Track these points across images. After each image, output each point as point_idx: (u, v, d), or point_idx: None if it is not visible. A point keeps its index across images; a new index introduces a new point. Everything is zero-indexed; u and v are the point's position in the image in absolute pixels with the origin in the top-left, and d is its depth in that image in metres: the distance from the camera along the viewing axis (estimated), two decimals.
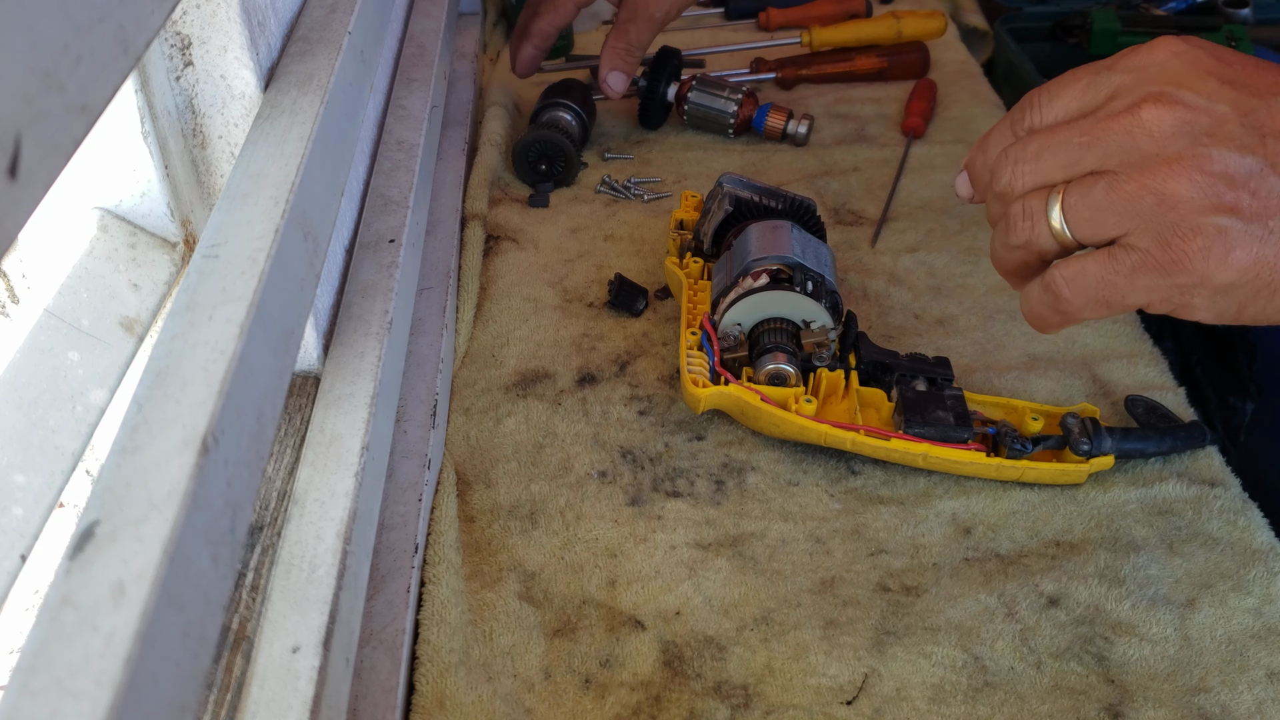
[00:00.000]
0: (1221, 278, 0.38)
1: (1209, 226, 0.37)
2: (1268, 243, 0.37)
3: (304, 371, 0.52)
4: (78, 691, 0.24)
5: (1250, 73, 0.38)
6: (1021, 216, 0.42)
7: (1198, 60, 0.39)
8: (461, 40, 1.05)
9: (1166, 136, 0.38)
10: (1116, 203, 0.39)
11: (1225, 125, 0.37)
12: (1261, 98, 0.37)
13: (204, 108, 0.46)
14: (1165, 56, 0.39)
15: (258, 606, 0.41)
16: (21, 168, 0.23)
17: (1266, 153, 0.37)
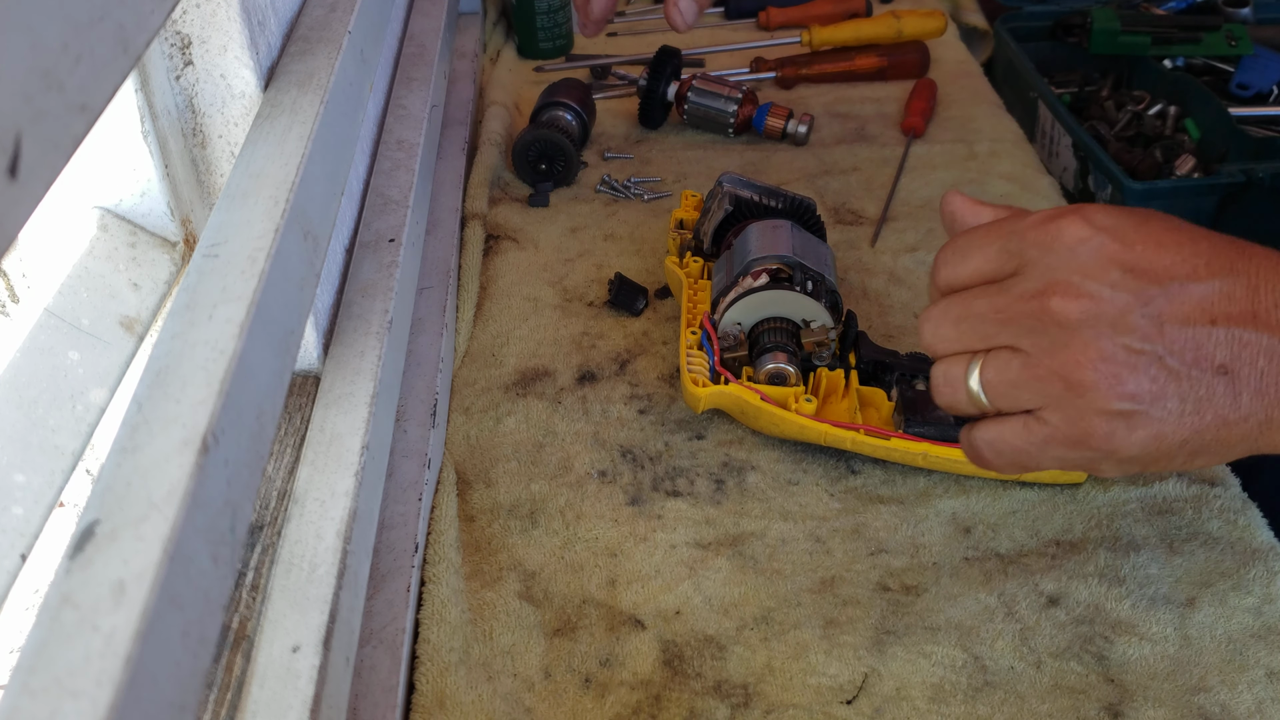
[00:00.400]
0: (1125, 453, 0.42)
1: (1113, 411, 0.41)
2: (1165, 422, 0.41)
3: (304, 371, 0.52)
4: (78, 691, 0.24)
5: (1151, 255, 0.41)
6: (944, 383, 0.46)
7: (1101, 248, 0.41)
8: (461, 39, 1.05)
9: (1073, 326, 0.41)
10: (1029, 382, 0.42)
11: (1127, 315, 0.40)
12: (1160, 284, 0.41)
13: (204, 107, 0.46)
14: (1072, 242, 0.42)
15: (258, 606, 0.41)
16: (21, 167, 0.23)
17: (1163, 340, 0.40)
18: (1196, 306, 0.41)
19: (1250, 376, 0.41)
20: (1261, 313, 0.40)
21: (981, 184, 0.87)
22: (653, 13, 1.20)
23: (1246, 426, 0.41)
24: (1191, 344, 0.40)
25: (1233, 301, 0.41)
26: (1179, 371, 0.41)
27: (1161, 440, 0.42)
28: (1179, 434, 0.41)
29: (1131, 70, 1.14)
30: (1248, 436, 0.42)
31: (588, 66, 1.07)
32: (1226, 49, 1.11)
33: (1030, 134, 1.02)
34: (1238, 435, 0.42)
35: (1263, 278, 0.41)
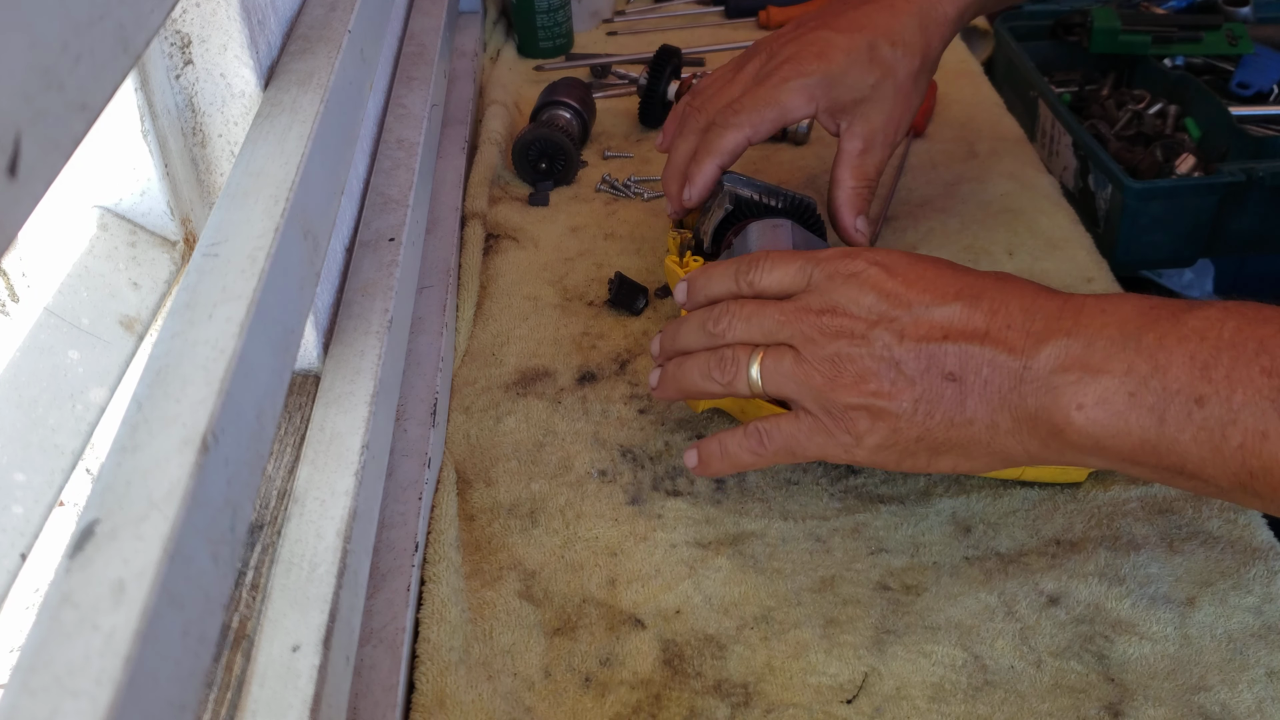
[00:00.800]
0: (869, 440, 0.50)
1: (859, 406, 0.50)
2: (900, 418, 0.49)
3: (304, 370, 0.52)
4: (78, 690, 0.24)
5: (907, 285, 0.50)
6: (730, 361, 0.53)
7: (869, 278, 0.51)
8: (461, 38, 1.05)
9: (832, 336, 0.50)
10: (796, 376, 0.51)
11: (873, 330, 0.50)
12: (908, 308, 0.49)
13: (204, 106, 0.46)
14: (849, 272, 0.52)
15: (258, 605, 0.41)
16: (21, 166, 0.23)
17: (901, 350, 0.49)
18: (934, 326, 0.49)
19: (975, 384, 0.48)
20: (994, 331, 0.48)
21: (982, 183, 0.87)
22: (653, 12, 1.20)
23: (974, 429, 0.48)
24: (925, 355, 0.48)
25: (969, 322, 0.48)
26: (913, 377, 0.48)
27: (898, 433, 0.49)
28: (912, 429, 0.49)
29: (1132, 69, 1.14)
30: (979, 439, 0.48)
31: (588, 65, 1.07)
32: (1227, 48, 1.11)
33: (1030, 133, 1.02)
34: (968, 436, 0.48)
35: (1006, 304, 0.48)
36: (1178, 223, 0.93)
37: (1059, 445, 0.46)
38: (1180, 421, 0.42)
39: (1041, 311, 0.47)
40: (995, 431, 0.48)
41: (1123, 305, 0.46)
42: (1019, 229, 0.81)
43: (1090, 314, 0.46)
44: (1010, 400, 0.47)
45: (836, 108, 0.68)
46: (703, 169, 0.67)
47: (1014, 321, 0.47)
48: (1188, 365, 0.42)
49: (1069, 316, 0.46)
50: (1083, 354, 0.45)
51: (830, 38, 0.68)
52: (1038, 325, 0.47)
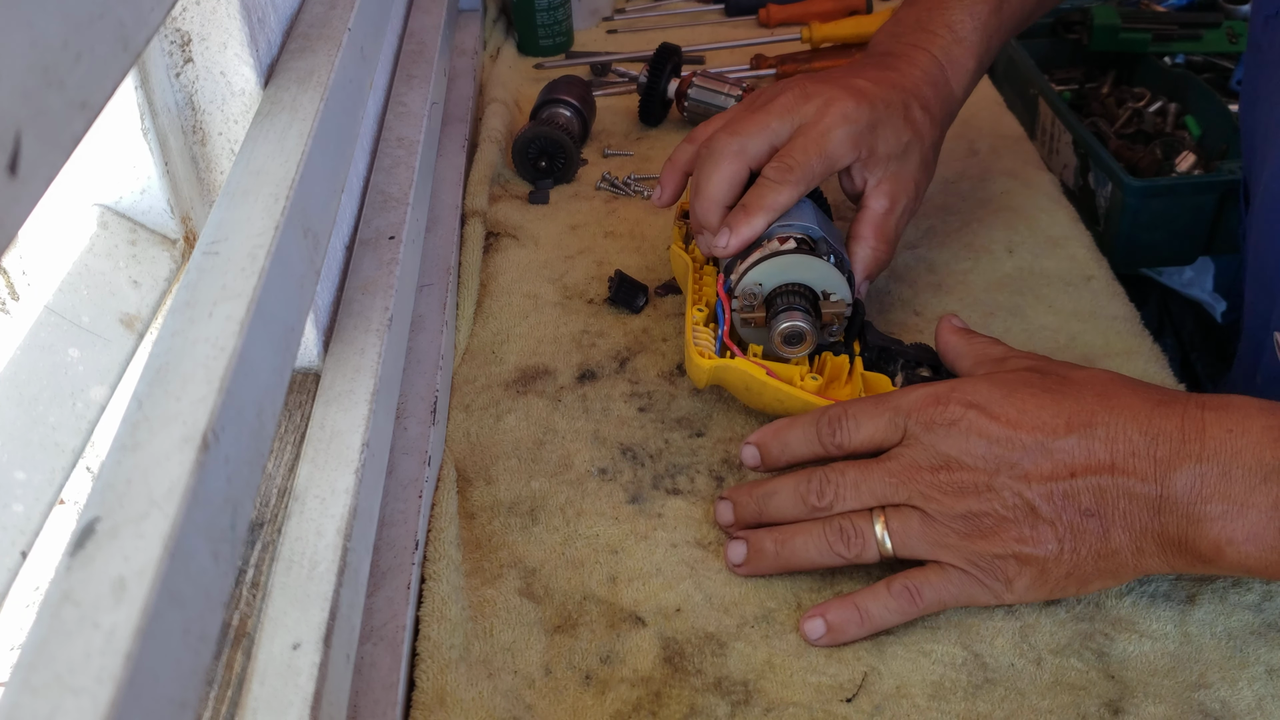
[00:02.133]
0: (1019, 585, 0.50)
1: (1004, 555, 0.49)
2: (1048, 559, 0.49)
3: (304, 368, 0.52)
4: (78, 688, 0.24)
5: (1014, 423, 0.49)
6: (853, 534, 0.52)
7: (972, 425, 0.50)
8: (461, 37, 1.05)
9: (956, 494, 0.50)
10: (930, 537, 0.51)
11: (996, 479, 0.49)
12: (1023, 449, 0.49)
13: (204, 104, 0.46)
14: (948, 421, 0.50)
15: (258, 603, 0.41)
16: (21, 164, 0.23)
17: (1032, 494, 0.48)
18: (1058, 464, 0.48)
19: (1114, 516, 0.48)
20: (1119, 461, 0.47)
21: (982, 181, 0.87)
22: (653, 10, 1.20)
23: (1122, 557, 0.48)
24: (1058, 495, 0.48)
25: (1091, 454, 0.48)
26: (1051, 519, 0.48)
27: (1047, 573, 0.49)
28: (1061, 567, 0.49)
29: (1132, 67, 1.14)
30: (1126, 564, 0.49)
31: (588, 63, 1.07)
32: (1227, 46, 1.11)
33: (1030, 131, 1.02)
34: (1117, 564, 0.49)
35: (1124, 429, 0.48)
36: (1178, 221, 0.93)
37: (1206, 567, 0.48)
38: None
39: (1164, 436, 0.47)
40: (1141, 556, 0.48)
41: (1249, 424, 0.46)
42: (1019, 227, 0.81)
43: (1216, 435, 0.46)
44: (1152, 528, 0.47)
45: (873, 159, 0.65)
46: (752, 223, 0.62)
47: (1137, 449, 0.47)
48: None
49: (1193, 439, 0.47)
50: (1220, 483, 0.46)
51: (867, 87, 0.65)
52: (1163, 451, 0.47)
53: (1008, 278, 0.76)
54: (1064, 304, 0.73)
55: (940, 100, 0.68)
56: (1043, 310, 0.73)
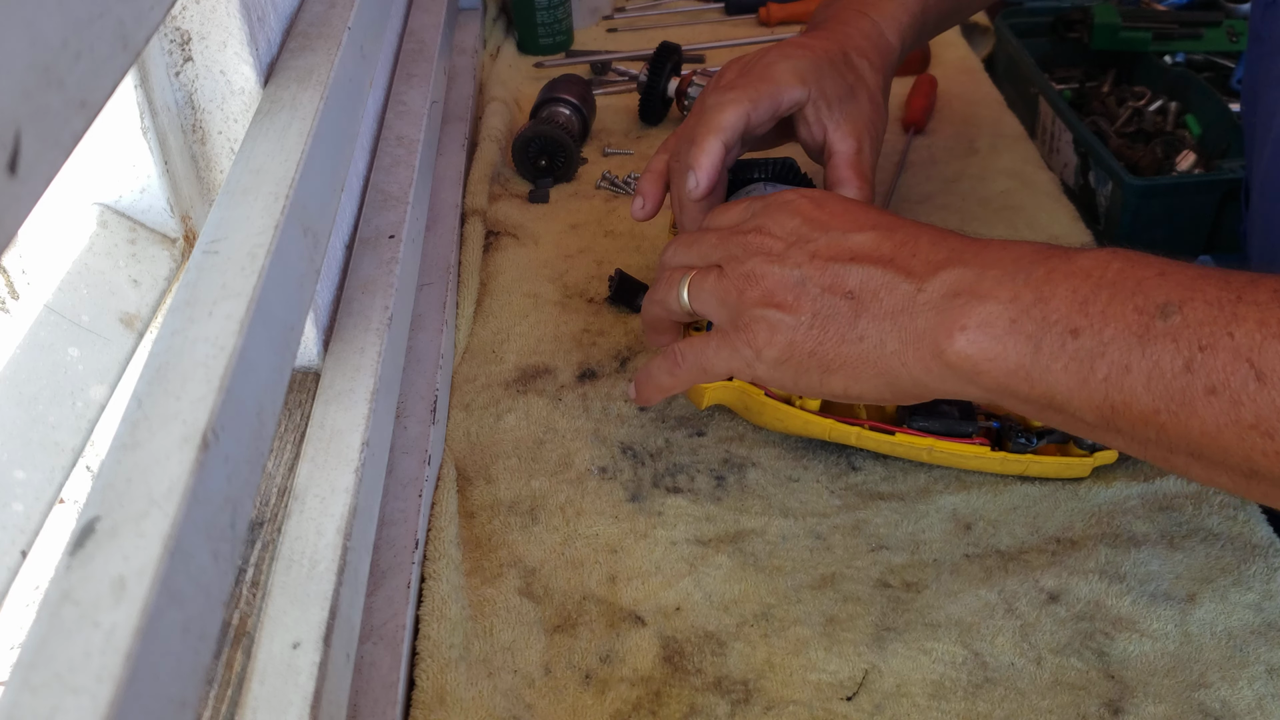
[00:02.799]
0: (767, 354, 0.51)
1: (760, 318, 0.51)
2: (797, 330, 0.50)
3: (304, 367, 0.52)
4: (78, 687, 0.24)
5: (831, 215, 0.52)
6: (666, 283, 0.57)
7: (798, 207, 0.53)
8: (461, 35, 1.05)
9: (750, 254, 0.53)
10: (716, 292, 0.54)
11: (790, 249, 0.52)
12: (824, 231, 0.52)
13: (204, 103, 0.46)
14: (786, 199, 0.54)
15: (258, 602, 0.41)
16: (21, 163, 0.23)
17: (810, 267, 0.51)
18: (845, 249, 0.50)
19: (870, 303, 0.49)
20: (899, 259, 0.49)
21: (982, 179, 0.87)
22: (653, 8, 1.20)
23: (863, 346, 0.49)
24: (830, 273, 0.50)
25: (877, 248, 0.50)
26: (815, 294, 0.50)
27: (793, 346, 0.51)
28: (807, 342, 0.50)
29: (1132, 66, 1.14)
30: (867, 358, 0.49)
31: (588, 62, 1.07)
32: (1227, 44, 1.11)
33: (1031, 130, 1.02)
34: (857, 354, 0.49)
35: (918, 238, 0.49)
36: (1178, 220, 0.93)
37: (940, 369, 0.47)
38: (1054, 351, 0.43)
39: (947, 244, 0.49)
40: (882, 351, 0.49)
41: (1023, 245, 0.47)
42: (1019, 225, 0.81)
43: (992, 250, 0.47)
44: (900, 321, 0.48)
45: (824, 100, 0.66)
46: (705, 148, 0.62)
47: (920, 251, 0.49)
48: (1069, 298, 0.43)
49: (971, 251, 0.48)
50: (974, 282, 0.46)
51: (804, 41, 0.68)
52: (940, 255, 0.48)
53: None
54: None
55: (877, 50, 0.70)
56: None
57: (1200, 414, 0.40)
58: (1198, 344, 0.40)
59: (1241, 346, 0.39)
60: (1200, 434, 0.40)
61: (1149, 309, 0.41)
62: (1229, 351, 0.39)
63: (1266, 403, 0.38)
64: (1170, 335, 0.41)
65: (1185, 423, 0.40)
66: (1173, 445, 0.41)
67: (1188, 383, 0.40)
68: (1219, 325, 0.40)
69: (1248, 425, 0.39)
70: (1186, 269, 0.43)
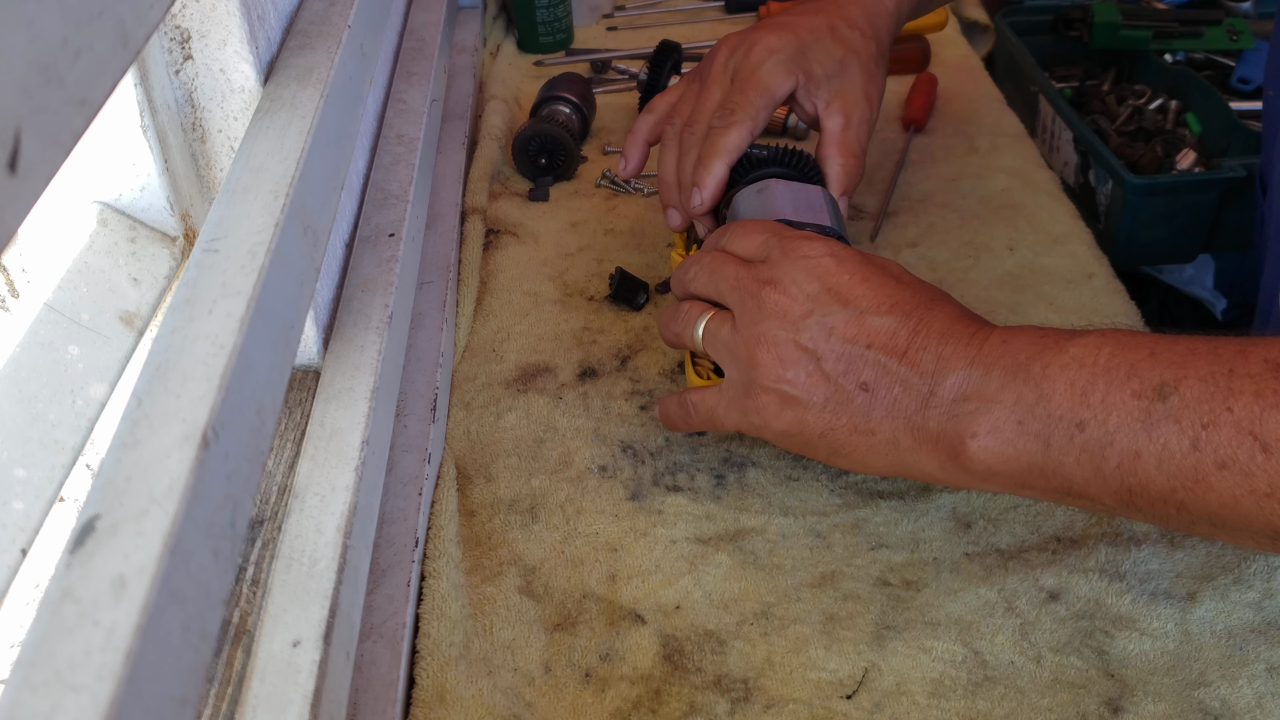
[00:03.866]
0: (776, 426, 0.52)
1: (772, 390, 0.52)
2: (809, 410, 0.51)
3: (304, 366, 0.52)
4: (78, 685, 0.24)
5: (852, 284, 0.51)
6: (684, 318, 0.57)
7: (819, 267, 0.52)
8: (461, 34, 1.05)
9: (766, 315, 0.52)
10: (729, 346, 0.54)
11: (807, 319, 0.51)
12: (845, 306, 0.51)
13: (203, 101, 0.46)
14: (805, 255, 0.53)
15: (258, 600, 0.41)
16: (21, 162, 0.23)
17: (827, 347, 0.50)
18: (863, 331, 0.50)
19: (884, 398, 0.49)
20: (911, 352, 0.49)
21: (982, 178, 0.87)
22: (653, 7, 1.20)
23: (875, 440, 0.50)
24: (846, 357, 0.50)
25: (894, 337, 0.50)
26: (830, 375, 0.50)
27: (803, 425, 0.51)
28: (818, 425, 0.51)
29: (1132, 65, 1.14)
30: (878, 450, 0.50)
31: (588, 61, 1.07)
32: (1227, 43, 1.11)
33: (1031, 128, 1.02)
34: (868, 445, 0.50)
35: (929, 326, 0.50)
36: (1178, 218, 0.93)
37: (955, 469, 0.48)
38: (1064, 445, 0.45)
39: (954, 338, 0.49)
40: (895, 448, 0.50)
41: (1019, 336, 0.48)
42: (1019, 224, 0.81)
43: (992, 345, 0.48)
44: (914, 421, 0.49)
45: (812, 81, 0.67)
46: (711, 170, 0.65)
47: (929, 345, 0.49)
48: (1068, 392, 0.45)
49: (974, 345, 0.49)
50: (980, 384, 0.47)
51: (788, 20, 0.68)
52: (948, 351, 0.49)
53: (1008, 275, 0.76)
54: (1065, 302, 0.73)
55: (869, 17, 0.70)
56: (1043, 308, 0.73)
57: (1215, 488, 0.41)
58: (1199, 422, 0.41)
59: (1242, 420, 0.40)
60: (1219, 506, 0.41)
61: (1146, 392, 0.43)
62: (1231, 427, 0.40)
63: (1276, 471, 0.39)
64: (1172, 417, 0.42)
65: (1203, 497, 0.41)
66: (1194, 518, 0.42)
67: (1197, 461, 0.41)
68: (1217, 401, 0.41)
69: (1263, 494, 0.40)
70: (1175, 345, 0.44)
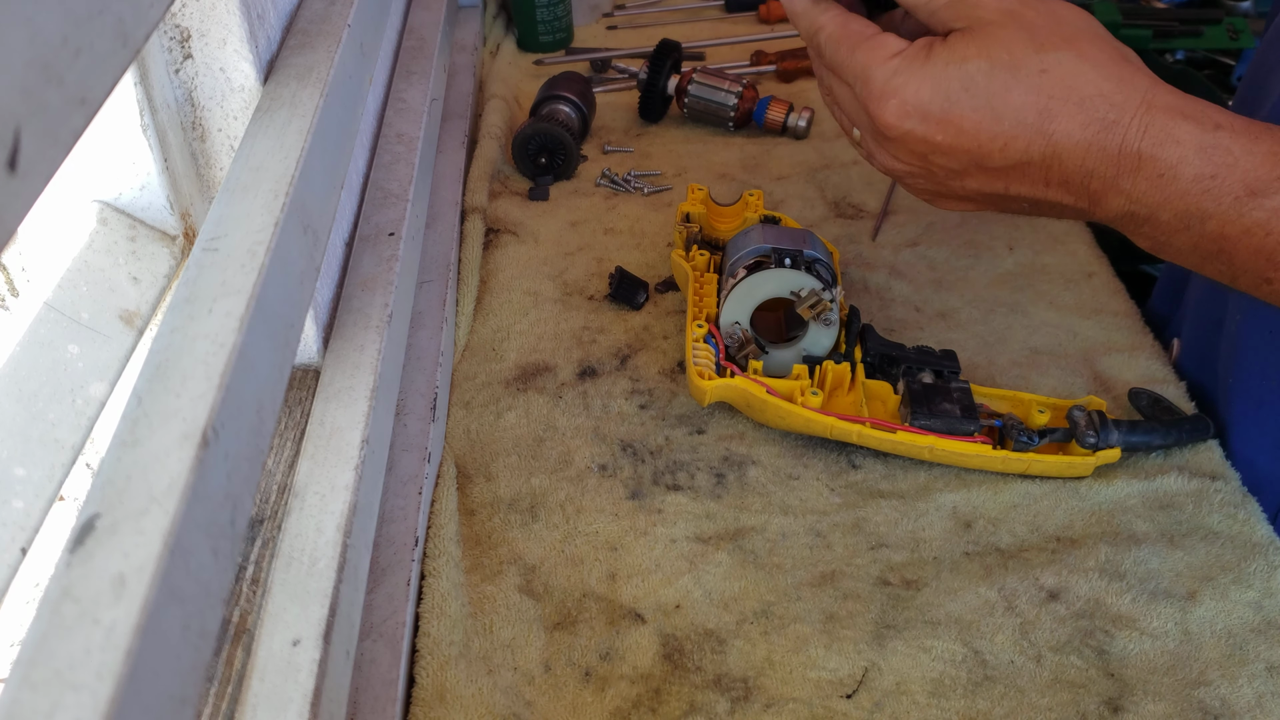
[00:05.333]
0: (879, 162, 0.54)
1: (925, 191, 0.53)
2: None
3: (304, 364, 0.52)
4: (78, 684, 0.24)
5: (969, 128, 0.49)
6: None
7: (915, 146, 0.51)
8: (461, 33, 1.05)
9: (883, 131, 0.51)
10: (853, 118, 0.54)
11: (936, 174, 0.52)
12: (956, 165, 0.50)
13: (203, 100, 0.46)
14: (899, 134, 0.51)
15: (258, 599, 0.41)
16: (21, 161, 0.23)
17: (955, 187, 0.52)
18: (993, 178, 0.50)
19: (1047, 210, 0.51)
20: (1051, 192, 0.49)
21: None
22: (653, 6, 1.20)
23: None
24: (992, 200, 0.52)
25: (1031, 182, 0.49)
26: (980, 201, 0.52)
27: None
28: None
29: None
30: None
31: (588, 60, 1.07)
32: (1228, 42, 1.11)
33: None
34: None
35: (1057, 160, 0.48)
36: None
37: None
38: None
39: (1098, 175, 0.48)
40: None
41: (1180, 171, 0.47)
42: (1020, 223, 0.81)
43: (1147, 177, 0.47)
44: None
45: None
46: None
47: (1070, 180, 0.48)
48: None
49: (1126, 175, 0.47)
50: (1146, 226, 0.49)
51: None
52: (1095, 185, 0.48)
53: (1009, 274, 0.76)
54: (1065, 300, 0.73)
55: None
56: (1044, 307, 0.73)
57: None
58: None
59: None
60: None
61: None
62: None
63: None
64: None
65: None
66: None
67: None
68: None
69: None
70: None
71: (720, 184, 0.87)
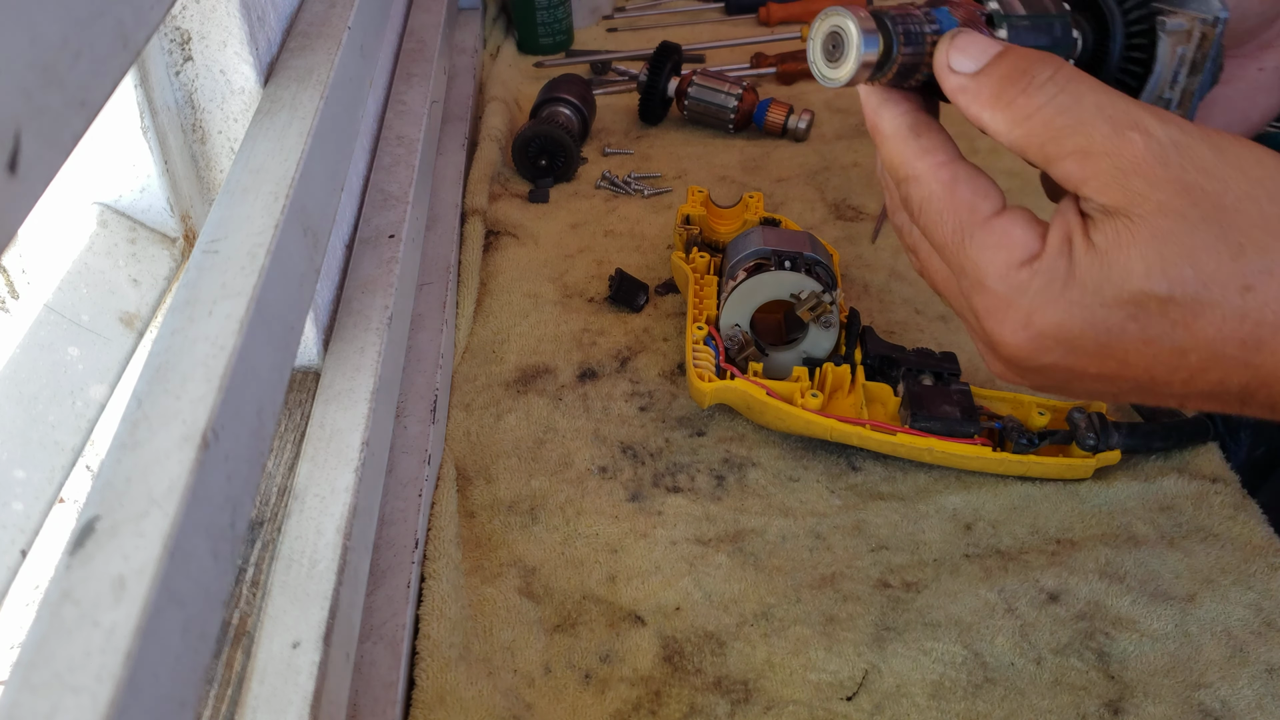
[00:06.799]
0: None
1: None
2: None
3: (304, 367, 0.52)
4: (78, 686, 0.24)
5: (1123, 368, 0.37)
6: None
7: (1060, 383, 0.39)
8: (461, 35, 1.05)
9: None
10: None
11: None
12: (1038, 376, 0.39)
13: (204, 103, 0.46)
14: (1038, 367, 0.39)
15: (258, 601, 0.41)
16: (21, 163, 0.23)
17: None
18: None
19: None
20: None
21: None
22: (653, 8, 1.20)
23: None
24: None
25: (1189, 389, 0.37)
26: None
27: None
28: None
29: None
30: None
31: (588, 62, 1.07)
32: None
33: None
34: None
35: (1205, 372, 0.36)
36: None
37: None
38: None
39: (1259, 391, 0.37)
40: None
41: None
42: None
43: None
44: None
45: None
46: None
47: (1228, 390, 0.37)
48: None
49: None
50: None
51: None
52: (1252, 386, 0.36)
53: None
54: None
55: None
56: None
57: None
58: None
59: None
60: None
61: None
62: None
63: None
64: None
65: None
66: None
67: None
68: None
69: None
70: None
71: (720, 186, 0.87)
